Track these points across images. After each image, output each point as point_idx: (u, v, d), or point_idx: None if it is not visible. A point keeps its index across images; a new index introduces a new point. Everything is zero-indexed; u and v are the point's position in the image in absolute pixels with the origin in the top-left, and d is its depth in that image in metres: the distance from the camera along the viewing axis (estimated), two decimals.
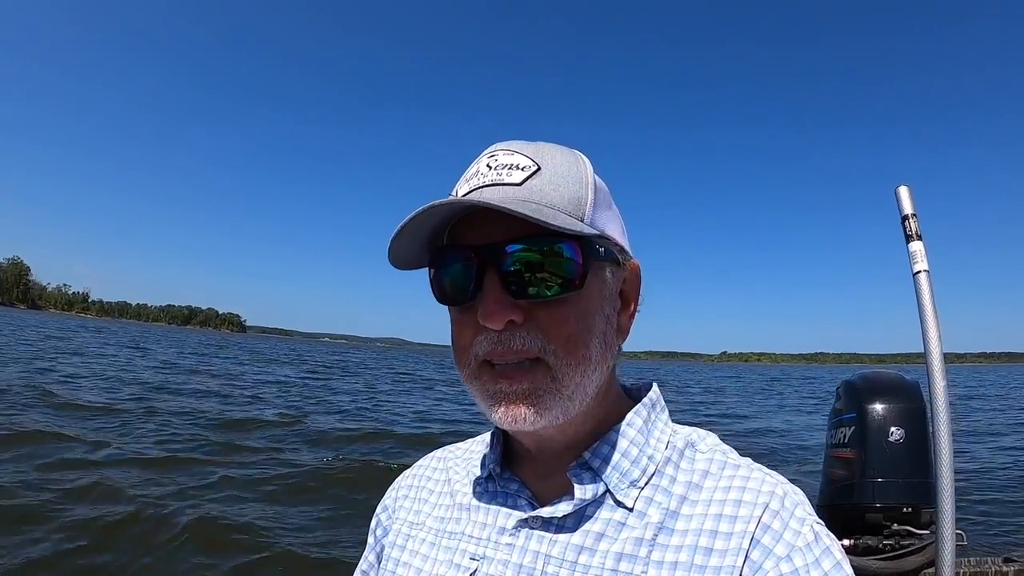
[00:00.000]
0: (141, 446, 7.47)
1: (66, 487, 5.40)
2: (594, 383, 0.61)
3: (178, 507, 5.00)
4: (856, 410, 2.46)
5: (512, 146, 0.62)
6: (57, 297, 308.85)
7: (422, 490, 0.76)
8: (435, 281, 0.62)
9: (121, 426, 8.81)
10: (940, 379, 1.63)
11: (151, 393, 12.93)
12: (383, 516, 0.79)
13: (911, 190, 1.81)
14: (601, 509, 0.60)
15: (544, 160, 0.60)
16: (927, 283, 1.71)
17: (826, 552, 0.55)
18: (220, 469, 6.58)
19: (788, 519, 0.56)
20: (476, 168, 0.61)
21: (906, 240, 1.76)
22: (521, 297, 0.57)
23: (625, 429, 0.64)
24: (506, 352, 0.57)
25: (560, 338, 0.57)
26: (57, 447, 6.86)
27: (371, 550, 0.79)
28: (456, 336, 0.62)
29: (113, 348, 30.48)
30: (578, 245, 0.57)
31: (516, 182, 0.58)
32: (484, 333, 0.58)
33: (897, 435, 2.35)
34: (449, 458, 0.78)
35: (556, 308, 0.58)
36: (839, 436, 2.53)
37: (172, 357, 28.47)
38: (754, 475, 0.60)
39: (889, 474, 2.33)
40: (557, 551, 0.59)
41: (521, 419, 0.58)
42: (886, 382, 2.52)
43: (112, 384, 13.97)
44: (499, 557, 0.61)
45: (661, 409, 0.69)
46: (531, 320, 0.57)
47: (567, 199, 0.58)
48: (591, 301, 0.60)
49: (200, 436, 8.41)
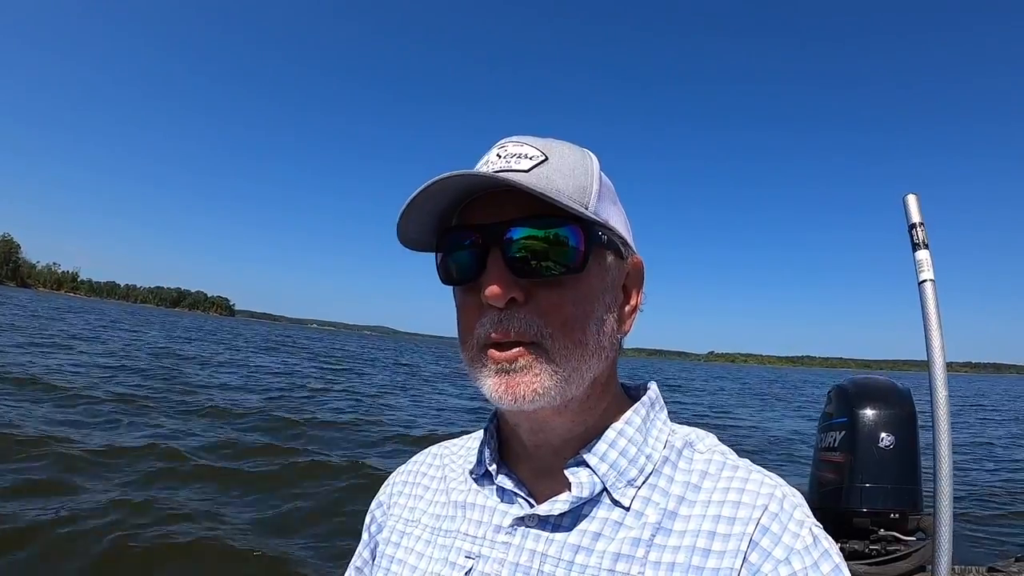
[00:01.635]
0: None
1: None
2: (591, 369, 0.61)
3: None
4: (847, 414, 2.47)
5: (522, 139, 0.63)
6: (47, 276, 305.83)
7: (417, 486, 0.75)
8: (442, 262, 0.63)
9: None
10: (942, 388, 1.61)
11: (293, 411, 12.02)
12: (378, 512, 0.78)
13: (919, 198, 1.79)
14: (598, 508, 0.60)
15: (552, 152, 0.61)
16: (932, 293, 1.69)
17: (825, 555, 0.54)
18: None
19: (787, 521, 0.56)
20: (486, 158, 0.63)
21: (913, 249, 1.73)
22: (523, 276, 0.58)
23: (623, 427, 0.64)
24: (506, 334, 0.58)
25: (558, 320, 0.58)
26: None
27: (365, 547, 0.78)
28: (460, 318, 0.63)
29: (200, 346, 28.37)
30: (580, 229, 0.58)
31: (523, 169, 0.59)
32: (487, 314, 0.58)
33: (887, 441, 2.36)
34: (445, 454, 0.78)
35: (556, 289, 0.58)
36: (829, 440, 2.53)
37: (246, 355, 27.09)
38: (753, 476, 0.60)
39: (878, 479, 2.34)
40: (554, 550, 0.59)
41: (520, 396, 0.57)
42: (878, 388, 2.53)
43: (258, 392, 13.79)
44: (495, 556, 0.61)
45: (660, 408, 0.68)
46: (532, 300, 0.58)
47: (572, 187, 0.59)
48: (591, 286, 0.61)
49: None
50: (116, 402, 9.51)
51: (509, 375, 0.58)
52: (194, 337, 35.49)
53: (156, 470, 6.00)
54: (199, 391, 12.34)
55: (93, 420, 8.15)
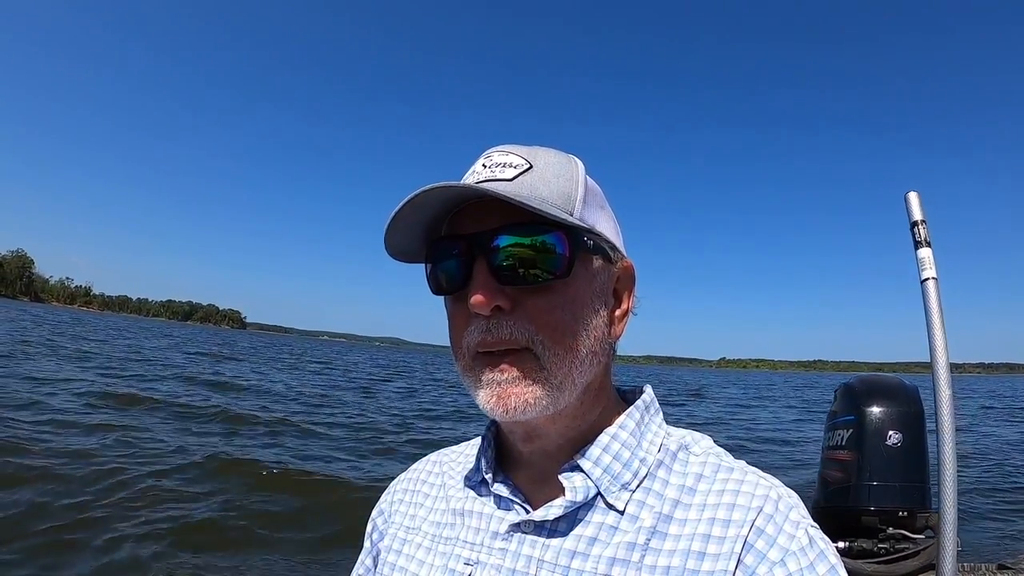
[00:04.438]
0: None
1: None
2: (584, 376, 0.61)
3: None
4: (854, 412, 2.46)
5: (508, 148, 0.64)
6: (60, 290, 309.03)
7: (417, 494, 0.76)
8: (431, 273, 0.64)
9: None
10: (946, 387, 1.61)
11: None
12: (379, 520, 0.78)
13: (920, 196, 1.79)
14: (593, 512, 0.61)
15: (536, 160, 0.62)
16: (935, 290, 1.70)
17: (821, 556, 0.54)
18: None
19: (782, 523, 0.56)
20: (473, 168, 0.64)
21: (915, 246, 1.74)
22: (508, 283, 0.58)
23: (617, 432, 0.64)
24: (495, 341, 0.58)
25: (547, 327, 0.58)
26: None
27: (367, 554, 0.79)
28: (450, 328, 0.64)
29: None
30: (565, 235, 0.59)
31: (507, 178, 0.60)
32: (474, 322, 0.59)
33: (895, 439, 2.35)
34: (444, 461, 0.78)
35: (543, 296, 0.59)
36: (836, 438, 2.52)
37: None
38: (748, 478, 0.60)
39: (886, 477, 2.33)
40: (550, 556, 0.59)
41: (512, 407, 0.58)
42: (885, 385, 2.52)
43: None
44: (493, 562, 0.61)
45: (655, 411, 0.69)
46: (519, 308, 0.58)
47: (556, 194, 0.60)
48: (579, 292, 0.61)
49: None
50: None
51: (500, 386, 0.58)
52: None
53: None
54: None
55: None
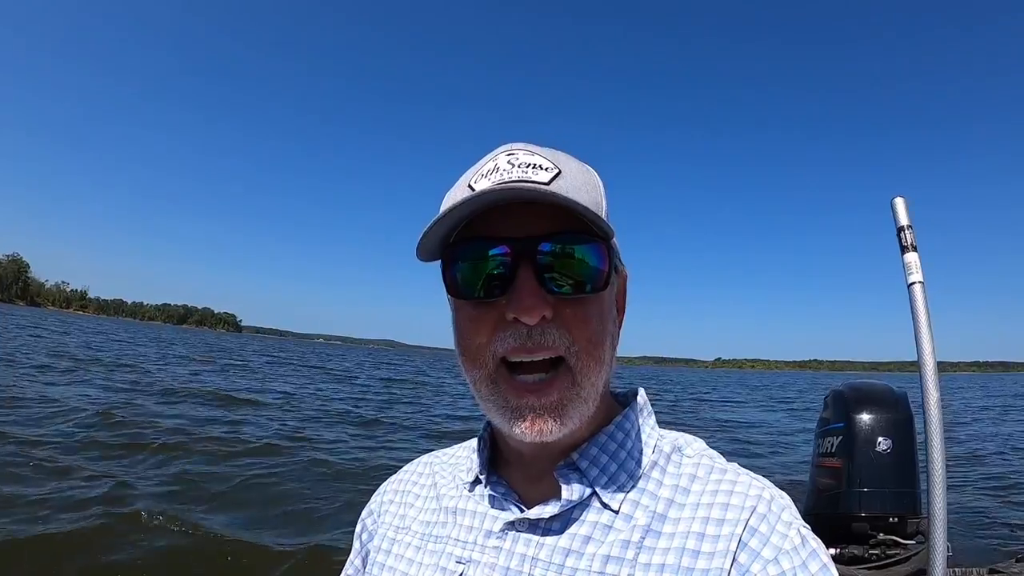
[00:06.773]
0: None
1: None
2: (603, 384, 0.62)
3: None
4: (844, 419, 2.47)
5: (529, 147, 0.62)
6: (56, 294, 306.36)
7: (408, 495, 0.76)
8: (454, 274, 0.60)
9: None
10: (933, 390, 1.63)
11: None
12: (368, 521, 0.78)
13: (907, 201, 1.82)
14: (588, 511, 0.61)
15: (562, 165, 0.61)
16: (922, 294, 1.73)
17: (813, 555, 0.55)
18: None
19: (775, 523, 0.57)
20: (494, 164, 0.61)
21: (901, 251, 1.77)
22: (552, 292, 0.57)
23: (613, 432, 0.65)
24: (535, 348, 0.57)
25: (584, 338, 0.58)
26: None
27: (356, 555, 0.79)
28: (469, 333, 0.61)
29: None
30: (605, 247, 0.59)
31: (544, 181, 0.58)
32: (509, 329, 0.58)
33: (884, 445, 2.36)
34: (435, 463, 0.78)
35: (581, 307, 0.59)
36: (826, 445, 2.53)
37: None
38: (741, 479, 0.61)
39: (876, 484, 2.34)
40: (544, 554, 0.59)
41: (547, 432, 0.58)
42: (874, 392, 2.53)
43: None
44: (486, 560, 0.61)
45: (648, 413, 0.70)
46: (558, 317, 0.58)
47: (590, 203, 0.58)
48: (607, 304, 0.62)
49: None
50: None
51: (536, 413, 0.58)
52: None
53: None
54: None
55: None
